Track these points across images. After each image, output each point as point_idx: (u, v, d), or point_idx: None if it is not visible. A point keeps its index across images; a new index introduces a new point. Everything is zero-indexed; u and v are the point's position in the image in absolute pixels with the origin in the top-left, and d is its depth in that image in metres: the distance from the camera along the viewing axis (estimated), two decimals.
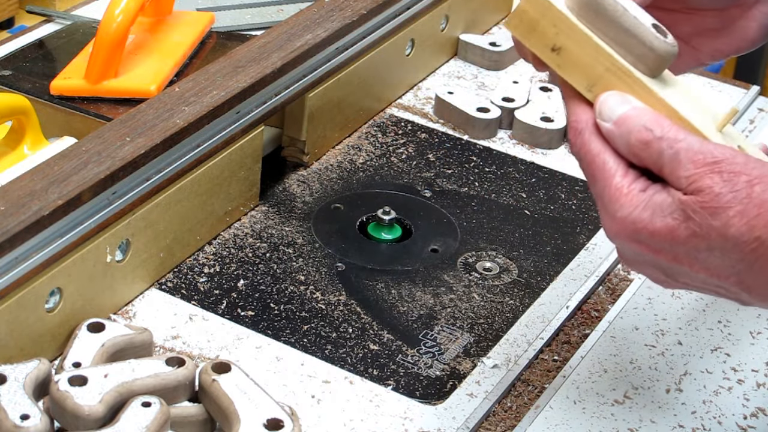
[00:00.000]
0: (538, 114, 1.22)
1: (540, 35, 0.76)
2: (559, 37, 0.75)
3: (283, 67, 1.07)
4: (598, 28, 0.76)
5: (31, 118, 1.03)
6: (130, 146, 0.94)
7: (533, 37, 0.76)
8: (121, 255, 0.94)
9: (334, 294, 1.00)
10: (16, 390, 0.81)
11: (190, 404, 0.85)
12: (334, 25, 1.13)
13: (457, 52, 1.35)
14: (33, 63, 1.18)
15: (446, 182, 1.15)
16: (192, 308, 0.97)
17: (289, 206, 1.10)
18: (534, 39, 0.76)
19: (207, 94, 1.01)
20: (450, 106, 1.23)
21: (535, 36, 0.76)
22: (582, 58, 0.76)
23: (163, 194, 0.97)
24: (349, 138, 1.20)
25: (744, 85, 1.33)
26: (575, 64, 0.76)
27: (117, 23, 1.11)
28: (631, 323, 0.99)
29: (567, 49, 0.76)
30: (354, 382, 0.91)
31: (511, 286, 1.02)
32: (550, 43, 0.76)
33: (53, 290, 0.89)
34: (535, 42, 0.76)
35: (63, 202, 0.87)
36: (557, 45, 0.75)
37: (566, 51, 0.76)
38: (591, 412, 0.91)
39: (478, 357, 0.95)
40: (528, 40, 0.77)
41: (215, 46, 1.23)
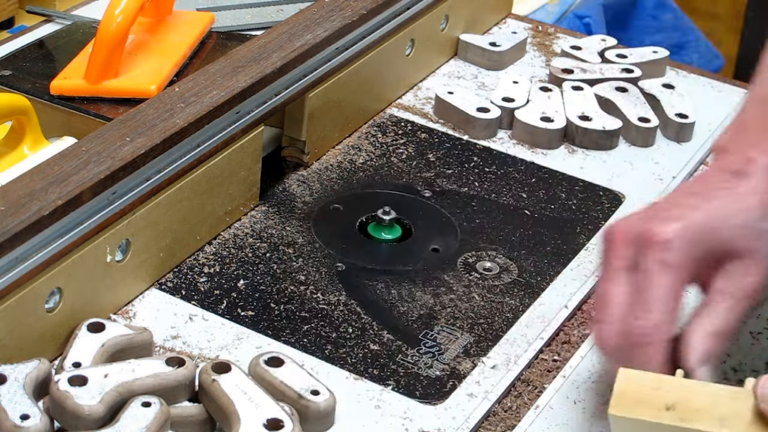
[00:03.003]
0: (538, 114, 1.22)
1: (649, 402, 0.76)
2: (667, 395, 0.75)
3: (283, 67, 1.07)
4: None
5: (31, 118, 1.03)
6: (130, 146, 0.94)
7: (643, 408, 0.76)
8: (121, 255, 0.94)
9: (334, 294, 1.00)
10: (16, 390, 0.81)
11: (190, 404, 0.85)
12: (334, 25, 1.13)
13: (457, 52, 1.35)
14: (33, 63, 1.18)
15: (446, 182, 1.15)
16: (192, 308, 0.97)
17: (289, 206, 1.10)
18: (644, 409, 0.76)
19: (207, 94, 1.01)
20: (450, 106, 1.23)
21: (644, 406, 0.76)
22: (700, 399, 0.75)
23: (163, 194, 0.97)
24: (349, 138, 1.20)
25: (744, 86, 1.33)
26: (698, 411, 0.75)
27: (117, 23, 1.11)
28: None
29: (680, 400, 0.75)
30: (354, 382, 0.91)
31: (511, 286, 1.02)
32: (662, 405, 0.75)
33: (53, 290, 0.89)
34: (647, 411, 0.76)
35: (63, 202, 0.87)
36: (670, 403, 0.75)
37: (681, 403, 0.75)
38: (591, 412, 0.91)
39: (478, 357, 0.95)
40: (639, 413, 0.76)
41: (215, 46, 1.23)
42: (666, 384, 0.77)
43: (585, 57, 1.32)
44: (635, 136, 1.22)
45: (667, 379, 0.77)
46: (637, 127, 1.21)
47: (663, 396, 0.76)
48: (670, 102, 1.25)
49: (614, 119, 1.21)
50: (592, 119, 1.21)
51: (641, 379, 0.77)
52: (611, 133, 1.20)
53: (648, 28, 2.29)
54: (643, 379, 0.77)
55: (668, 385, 0.77)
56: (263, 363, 0.87)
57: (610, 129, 1.20)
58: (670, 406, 0.75)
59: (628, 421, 0.76)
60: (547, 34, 1.40)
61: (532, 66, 1.34)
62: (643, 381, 0.77)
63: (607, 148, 1.21)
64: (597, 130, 1.20)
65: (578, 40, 1.36)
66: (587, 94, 1.24)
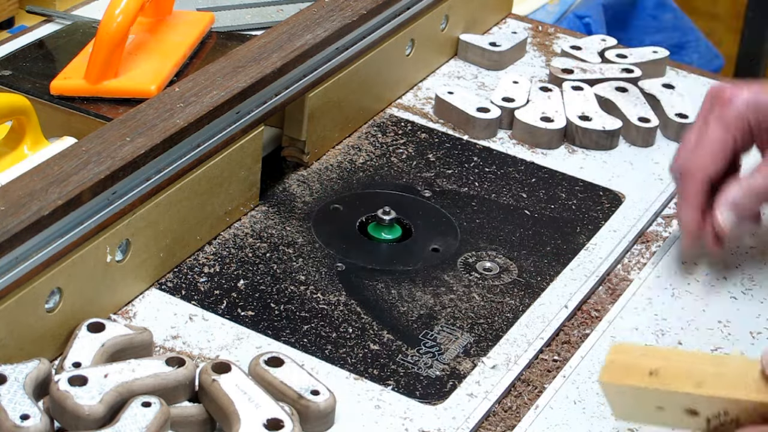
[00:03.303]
0: (538, 114, 1.22)
1: (634, 370, 0.80)
2: (651, 362, 0.79)
3: (283, 67, 1.07)
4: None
5: (31, 118, 1.03)
6: (130, 146, 0.94)
7: (629, 375, 0.80)
8: (121, 255, 0.94)
9: (334, 294, 1.00)
10: (16, 390, 0.81)
11: (190, 404, 0.85)
12: (334, 25, 1.13)
13: (457, 52, 1.35)
14: (33, 63, 1.18)
15: (446, 182, 1.15)
16: (192, 308, 0.97)
17: (289, 206, 1.10)
18: (630, 376, 0.80)
19: (207, 94, 1.01)
20: (450, 106, 1.23)
21: (630, 373, 0.80)
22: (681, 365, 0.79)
23: (163, 194, 0.97)
24: (349, 138, 1.20)
25: None
26: (677, 375, 0.79)
27: (117, 23, 1.11)
28: (631, 323, 0.99)
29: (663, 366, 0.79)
30: (354, 382, 0.91)
31: (511, 286, 1.02)
32: (646, 371, 0.80)
33: (53, 290, 0.89)
34: (632, 377, 0.80)
35: (63, 202, 0.87)
36: (653, 368, 0.79)
37: (663, 368, 0.79)
38: (591, 412, 0.91)
39: (478, 357, 0.95)
40: (625, 380, 0.80)
41: (215, 46, 1.23)
42: (652, 352, 0.81)
43: (585, 57, 1.32)
44: (635, 136, 1.22)
45: (655, 348, 0.82)
46: (637, 127, 1.21)
47: (647, 363, 0.79)
48: (670, 102, 1.25)
49: (614, 119, 1.21)
50: (592, 119, 1.21)
51: (630, 349, 0.82)
52: (611, 133, 1.20)
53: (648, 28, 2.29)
54: (632, 349, 0.82)
55: (654, 353, 0.81)
56: (263, 363, 0.87)
57: (610, 129, 1.20)
58: (653, 371, 0.79)
59: (615, 387, 0.81)
60: (547, 34, 1.40)
61: (532, 66, 1.34)
62: (632, 350, 0.82)
63: (607, 148, 1.21)
64: (597, 130, 1.20)
65: (578, 40, 1.36)
66: (587, 94, 1.24)
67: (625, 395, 0.81)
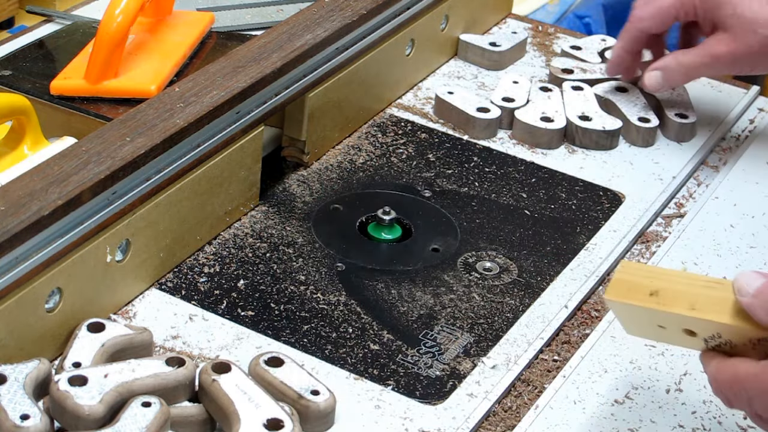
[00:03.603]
0: (538, 114, 1.22)
1: (637, 290, 0.83)
2: (654, 283, 0.83)
3: (283, 67, 1.07)
4: None
5: (31, 118, 1.03)
6: (130, 146, 0.94)
7: (632, 294, 0.83)
8: (121, 255, 0.94)
9: (334, 294, 1.00)
10: (16, 390, 0.81)
11: (190, 404, 0.85)
12: (334, 25, 1.13)
13: (457, 52, 1.35)
14: (33, 63, 1.18)
15: (446, 182, 1.15)
16: (192, 308, 0.97)
17: (289, 206, 1.10)
18: (633, 295, 0.83)
19: (207, 94, 1.01)
20: (450, 106, 1.23)
21: (633, 292, 0.83)
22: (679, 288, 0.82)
23: (163, 194, 0.97)
24: (349, 138, 1.20)
25: (744, 85, 1.33)
26: (674, 297, 0.82)
27: (117, 23, 1.11)
28: None
29: (663, 288, 0.82)
30: (354, 382, 0.91)
31: (511, 286, 1.02)
32: (647, 291, 0.83)
33: (53, 290, 0.89)
34: (634, 296, 0.83)
35: (63, 202, 0.87)
36: (654, 289, 0.82)
37: (663, 290, 0.82)
38: (591, 412, 0.91)
39: (478, 357, 0.95)
40: (628, 298, 0.83)
41: (215, 46, 1.23)
42: (656, 274, 0.84)
43: (585, 57, 1.32)
44: (635, 136, 1.22)
45: (660, 270, 0.85)
46: (637, 127, 1.21)
47: (650, 284, 0.83)
48: (670, 102, 1.25)
49: (614, 119, 1.21)
50: (592, 119, 1.21)
51: (637, 270, 0.85)
52: (611, 133, 1.20)
53: None
54: (638, 270, 0.85)
55: (658, 274, 0.84)
56: (263, 363, 0.87)
57: (610, 129, 1.20)
58: (654, 292, 0.82)
59: (618, 304, 0.84)
60: (547, 34, 1.40)
61: (532, 66, 1.34)
62: (638, 271, 0.85)
63: (607, 148, 1.21)
64: (597, 130, 1.20)
65: (578, 40, 1.36)
66: (587, 94, 1.24)
67: (630, 313, 0.84)
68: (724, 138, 1.25)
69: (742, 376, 0.78)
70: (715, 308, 0.80)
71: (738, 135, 1.26)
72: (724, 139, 1.25)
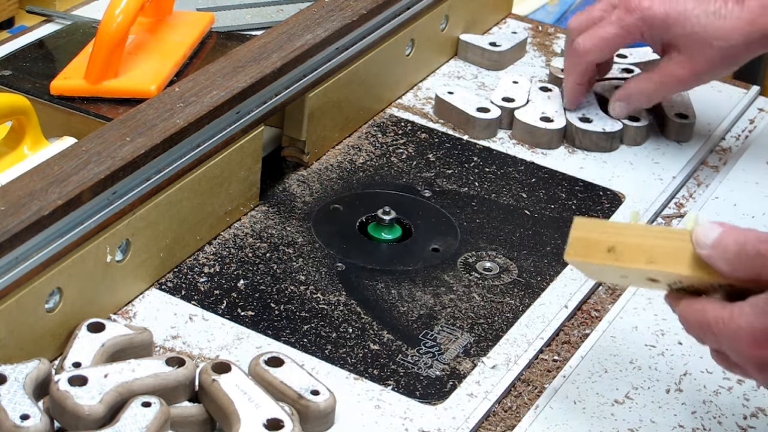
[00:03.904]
0: (538, 114, 1.22)
1: (595, 247, 0.84)
2: (610, 238, 0.84)
3: (283, 67, 1.07)
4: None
5: (31, 118, 1.03)
6: (130, 146, 0.94)
7: (590, 252, 0.85)
8: (121, 255, 0.94)
9: (334, 294, 1.00)
10: (16, 390, 0.81)
11: (190, 404, 0.85)
12: (334, 25, 1.13)
13: (457, 52, 1.35)
14: (33, 63, 1.18)
15: (446, 182, 1.15)
16: (192, 308, 0.97)
17: (289, 206, 1.10)
18: (591, 253, 0.84)
19: (207, 94, 1.01)
20: (450, 106, 1.23)
21: (591, 250, 0.85)
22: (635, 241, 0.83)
23: (163, 194, 0.97)
24: (349, 138, 1.20)
25: (744, 85, 1.33)
26: (631, 251, 0.83)
27: (117, 23, 1.11)
28: (631, 323, 0.99)
29: (620, 242, 0.83)
30: (354, 382, 0.91)
31: (511, 286, 1.02)
32: (605, 248, 0.84)
33: (53, 290, 0.89)
34: (593, 254, 0.84)
35: (63, 202, 0.87)
36: (611, 245, 0.83)
37: (620, 244, 0.83)
38: (591, 412, 0.91)
39: (478, 357, 0.95)
40: (587, 256, 0.85)
41: (215, 46, 1.23)
42: (611, 228, 0.85)
43: None
44: (635, 135, 1.22)
45: (612, 224, 0.87)
46: (636, 127, 1.21)
47: (606, 240, 0.84)
48: (670, 102, 1.25)
49: (614, 121, 1.21)
50: (593, 121, 1.21)
51: (590, 226, 0.86)
52: (611, 135, 1.20)
53: None
54: (592, 226, 0.86)
55: (612, 229, 0.85)
56: (263, 363, 0.87)
57: (610, 131, 1.20)
58: (611, 248, 0.83)
59: (580, 263, 0.86)
60: (547, 34, 1.40)
61: (532, 66, 1.34)
62: (592, 227, 0.86)
63: (607, 150, 1.21)
64: (597, 132, 1.20)
65: None
66: (588, 95, 1.24)
67: (592, 268, 0.86)
68: (724, 138, 1.25)
69: (711, 320, 0.80)
70: (673, 260, 0.81)
71: (738, 135, 1.26)
72: (724, 139, 1.25)
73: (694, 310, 0.81)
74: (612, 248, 0.83)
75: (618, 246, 0.83)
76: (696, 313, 0.81)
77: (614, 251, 0.83)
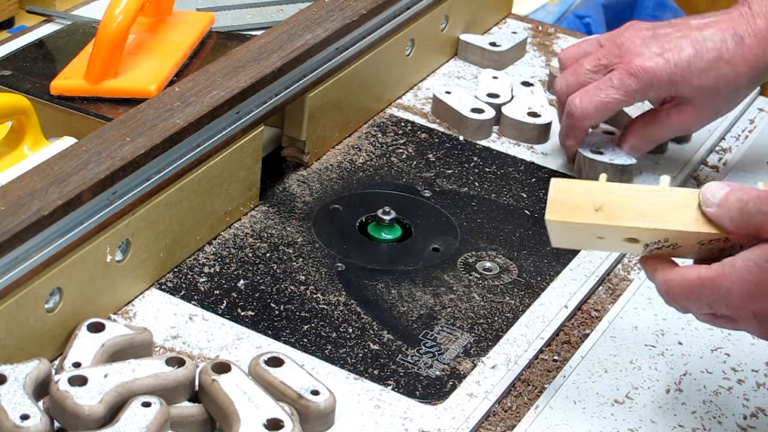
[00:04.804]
0: (524, 109, 1.22)
1: (580, 207, 0.84)
2: (597, 198, 0.84)
3: (283, 67, 1.07)
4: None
5: (31, 118, 1.03)
6: (130, 146, 0.94)
7: (575, 212, 0.84)
8: (121, 255, 0.94)
9: (334, 294, 1.00)
10: (16, 390, 0.81)
11: (190, 404, 0.85)
12: (334, 25, 1.13)
13: (457, 52, 1.35)
14: (33, 63, 1.18)
15: (446, 182, 1.15)
16: (192, 308, 0.97)
17: (289, 206, 1.10)
18: (577, 213, 0.84)
19: (207, 94, 1.01)
20: (446, 106, 1.23)
21: (577, 210, 0.84)
22: (625, 201, 0.84)
23: (163, 194, 0.97)
24: (349, 138, 1.20)
25: None
26: (621, 209, 0.84)
27: (117, 23, 1.11)
28: (631, 323, 0.99)
29: (609, 201, 0.84)
30: (354, 382, 0.91)
31: (511, 286, 1.02)
32: (591, 207, 0.84)
33: (53, 290, 0.89)
34: (579, 214, 0.84)
35: (63, 202, 0.87)
36: (598, 204, 0.84)
37: (608, 203, 0.84)
38: (591, 412, 0.91)
39: (478, 357, 0.95)
40: (573, 217, 0.84)
41: (215, 46, 1.23)
42: (594, 188, 0.85)
43: None
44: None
45: (595, 184, 0.85)
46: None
47: (592, 200, 0.84)
48: None
49: (628, 157, 1.14)
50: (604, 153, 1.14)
51: (573, 187, 0.85)
52: (623, 168, 1.14)
53: None
54: (574, 187, 0.85)
55: (596, 189, 0.85)
56: (263, 363, 0.87)
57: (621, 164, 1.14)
58: (599, 207, 0.84)
59: (563, 225, 0.85)
60: (547, 34, 1.40)
61: (532, 66, 1.34)
62: (574, 188, 0.85)
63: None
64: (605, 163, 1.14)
65: (578, 40, 1.36)
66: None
67: (570, 229, 0.85)
68: (724, 138, 1.25)
69: (697, 283, 0.82)
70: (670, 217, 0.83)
71: (738, 135, 1.26)
72: (724, 139, 1.25)
73: (678, 275, 0.84)
74: (600, 207, 0.84)
75: (606, 204, 0.83)
76: (679, 280, 0.84)
77: (602, 210, 0.84)
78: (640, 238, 0.84)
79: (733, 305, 0.82)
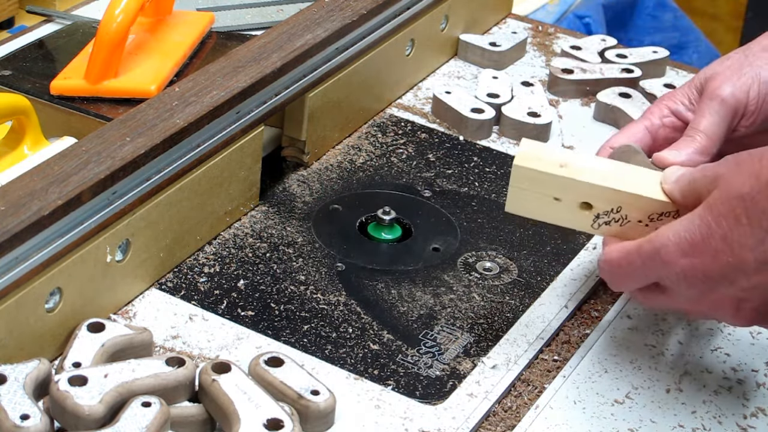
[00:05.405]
0: (524, 109, 1.22)
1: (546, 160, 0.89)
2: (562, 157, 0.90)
3: (283, 67, 1.07)
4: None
5: (31, 118, 1.03)
6: (130, 146, 0.94)
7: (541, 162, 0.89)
8: (121, 255, 0.94)
9: (334, 294, 1.00)
10: (16, 390, 0.81)
11: (190, 404, 0.85)
12: (334, 25, 1.13)
13: (457, 52, 1.35)
14: (33, 63, 1.18)
15: (446, 182, 1.15)
16: (192, 308, 0.97)
17: (289, 206, 1.10)
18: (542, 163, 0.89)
19: (207, 94, 1.01)
20: (446, 106, 1.23)
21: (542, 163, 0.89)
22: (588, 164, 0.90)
23: (163, 194, 0.97)
24: (349, 138, 1.20)
25: None
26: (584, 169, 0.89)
27: (117, 23, 1.11)
28: (631, 323, 0.99)
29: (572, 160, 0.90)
30: (354, 382, 0.91)
31: (511, 286, 1.02)
32: (557, 163, 0.90)
33: (53, 290, 0.89)
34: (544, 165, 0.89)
35: (63, 202, 0.87)
36: (564, 162, 0.90)
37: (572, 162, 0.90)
38: (591, 412, 0.91)
39: (478, 357, 0.95)
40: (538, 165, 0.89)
41: (215, 46, 1.23)
42: (560, 151, 0.94)
43: (585, 57, 1.32)
44: None
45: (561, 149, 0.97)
46: None
47: (557, 157, 0.90)
48: None
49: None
50: None
51: (540, 147, 0.92)
52: None
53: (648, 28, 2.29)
54: (541, 146, 0.92)
55: (565, 151, 0.94)
56: (263, 363, 0.87)
57: None
58: (563, 164, 0.90)
59: (528, 171, 0.90)
60: (547, 34, 1.40)
61: (532, 66, 1.34)
62: (541, 147, 0.92)
63: None
64: None
65: (578, 40, 1.36)
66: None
67: (530, 184, 0.90)
68: None
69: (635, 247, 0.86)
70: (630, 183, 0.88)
71: None
72: None
73: (619, 245, 0.88)
74: (565, 164, 0.89)
75: (571, 162, 0.89)
76: (619, 246, 0.88)
77: (567, 166, 0.89)
78: (595, 204, 0.89)
79: (664, 260, 0.84)
